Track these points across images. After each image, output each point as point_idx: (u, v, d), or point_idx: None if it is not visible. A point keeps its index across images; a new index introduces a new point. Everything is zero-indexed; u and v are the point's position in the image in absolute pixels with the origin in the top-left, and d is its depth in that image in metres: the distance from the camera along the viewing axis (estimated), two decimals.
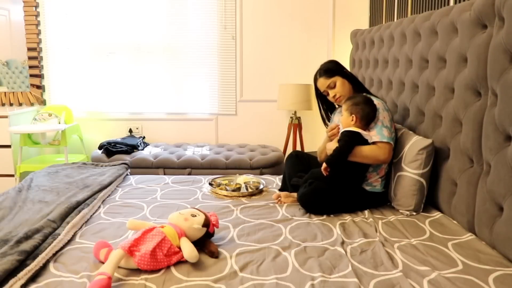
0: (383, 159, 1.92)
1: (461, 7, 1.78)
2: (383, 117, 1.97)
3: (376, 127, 1.96)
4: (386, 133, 1.94)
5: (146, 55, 3.83)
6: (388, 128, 1.95)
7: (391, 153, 1.94)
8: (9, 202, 1.95)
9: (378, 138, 1.93)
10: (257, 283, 1.29)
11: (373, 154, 1.92)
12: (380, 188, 2.03)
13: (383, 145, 1.92)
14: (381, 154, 1.92)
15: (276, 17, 3.74)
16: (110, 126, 3.91)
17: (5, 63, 3.87)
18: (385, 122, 1.96)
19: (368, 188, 2.02)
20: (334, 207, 1.93)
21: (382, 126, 1.95)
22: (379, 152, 1.92)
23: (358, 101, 1.97)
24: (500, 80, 1.47)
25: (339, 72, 2.13)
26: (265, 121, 3.88)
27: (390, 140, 1.93)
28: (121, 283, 1.30)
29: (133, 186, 2.39)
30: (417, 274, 1.34)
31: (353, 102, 1.98)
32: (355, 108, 1.96)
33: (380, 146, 1.92)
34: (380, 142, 1.93)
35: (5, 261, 1.30)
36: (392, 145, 1.95)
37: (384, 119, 1.96)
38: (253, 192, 2.22)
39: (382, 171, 2.02)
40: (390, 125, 1.98)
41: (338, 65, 2.17)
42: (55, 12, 3.76)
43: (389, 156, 1.94)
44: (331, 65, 2.17)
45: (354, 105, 1.96)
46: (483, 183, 1.58)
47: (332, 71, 2.13)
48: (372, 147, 1.93)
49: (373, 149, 1.93)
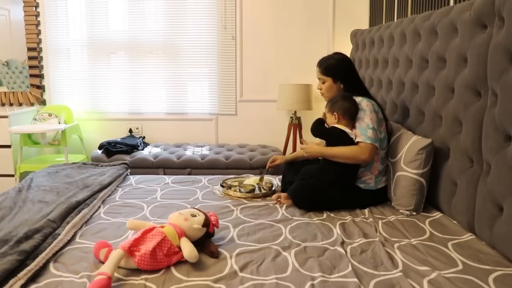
0: (364, 158, 1.93)
1: (461, 7, 1.78)
2: (370, 118, 1.97)
3: (361, 128, 1.97)
4: (370, 134, 1.94)
5: (146, 55, 3.84)
6: (374, 130, 1.96)
7: (373, 153, 1.95)
8: (9, 202, 1.95)
9: (361, 138, 1.95)
10: (257, 283, 1.29)
11: (353, 155, 1.94)
12: (374, 186, 2.05)
13: (365, 145, 1.94)
14: (361, 154, 1.93)
15: (276, 17, 3.74)
16: (110, 126, 3.91)
17: (5, 63, 3.87)
18: (370, 124, 1.96)
19: (362, 185, 2.04)
20: (326, 203, 1.96)
21: (367, 128, 1.96)
22: (360, 153, 1.93)
23: (336, 99, 2.05)
24: (500, 80, 1.47)
25: (335, 75, 2.11)
26: (265, 121, 3.88)
27: (373, 142, 1.94)
28: (121, 283, 1.30)
29: (133, 186, 2.39)
30: (417, 274, 1.34)
31: (332, 102, 2.06)
32: (335, 106, 2.03)
33: (362, 146, 1.94)
34: (363, 143, 1.94)
35: (5, 261, 1.30)
36: (375, 146, 1.95)
37: (370, 121, 1.96)
38: (266, 193, 2.22)
39: (375, 170, 2.04)
40: (377, 126, 1.99)
41: (339, 68, 2.10)
42: (55, 12, 3.76)
43: (370, 156, 1.94)
44: (333, 62, 2.11)
45: (333, 104, 2.04)
46: (483, 183, 1.58)
47: (330, 71, 2.11)
48: (352, 148, 1.96)
49: (353, 149, 1.95)
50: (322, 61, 2.15)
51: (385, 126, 2.06)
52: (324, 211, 1.95)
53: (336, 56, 2.15)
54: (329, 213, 1.92)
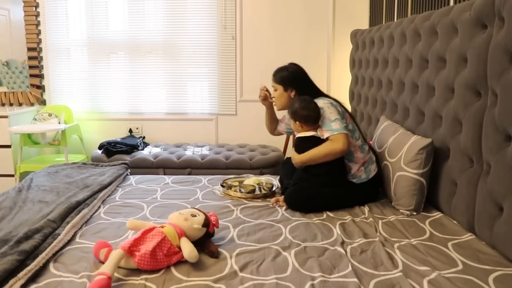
0: (341, 149, 1.94)
1: (461, 7, 1.78)
2: (330, 113, 2.01)
3: (325, 125, 2.00)
4: (335, 126, 1.97)
5: (146, 55, 3.84)
6: (337, 120, 1.98)
7: (346, 141, 1.95)
8: (9, 202, 1.95)
9: (329, 133, 1.97)
10: (257, 283, 1.29)
11: (329, 150, 1.95)
12: (366, 177, 2.06)
13: (335, 137, 1.96)
14: (336, 146, 1.94)
15: (276, 17, 3.74)
16: (110, 126, 3.91)
17: (5, 63, 3.87)
18: (332, 117, 1.99)
19: (355, 180, 2.05)
20: (323, 204, 1.97)
21: (330, 121, 1.98)
22: (334, 145, 1.95)
23: (295, 108, 2.05)
24: (500, 80, 1.47)
25: (285, 84, 2.19)
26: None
27: (341, 130, 1.96)
28: (121, 283, 1.30)
29: (133, 186, 2.39)
30: (417, 274, 1.34)
31: (292, 110, 2.09)
32: (296, 115, 2.06)
33: (332, 139, 1.96)
34: (332, 135, 1.96)
35: (5, 261, 1.30)
36: (345, 133, 1.96)
37: (331, 115, 2.00)
38: (266, 194, 2.22)
39: (358, 160, 2.05)
40: (340, 116, 2.01)
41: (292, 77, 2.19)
42: (55, 12, 3.76)
43: (345, 144, 1.94)
44: (284, 73, 2.21)
45: (294, 113, 2.07)
46: (483, 183, 1.58)
47: (281, 79, 2.21)
48: (325, 144, 1.98)
49: (326, 145, 1.97)
50: (277, 70, 2.26)
51: (350, 118, 2.10)
52: (323, 211, 1.95)
53: (290, 67, 2.24)
54: (329, 213, 1.93)
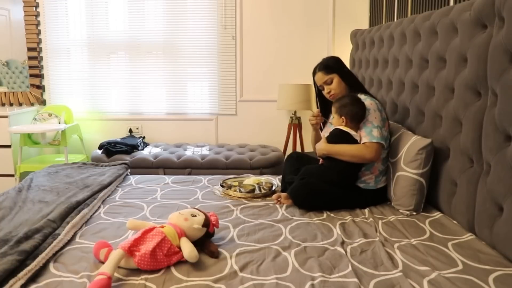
0: (370, 158, 1.94)
1: (461, 7, 1.78)
2: (374, 118, 1.99)
3: (366, 128, 1.99)
4: (375, 133, 1.96)
5: (146, 55, 3.84)
6: (379, 128, 1.97)
7: (378, 152, 1.96)
8: (9, 202, 1.95)
9: (367, 138, 1.96)
10: (257, 283, 1.29)
11: (359, 153, 1.95)
12: (374, 185, 2.05)
13: (371, 144, 1.95)
14: (367, 153, 1.94)
15: (276, 17, 3.74)
16: (110, 126, 3.91)
17: (5, 63, 3.87)
18: (375, 123, 1.98)
19: (362, 185, 2.05)
20: (326, 202, 1.97)
21: (372, 127, 1.97)
22: (365, 151, 1.94)
23: (346, 103, 2.02)
24: (500, 80, 1.47)
25: (338, 70, 2.15)
26: (265, 121, 3.88)
27: (379, 140, 1.95)
28: (121, 283, 1.30)
29: (133, 186, 2.39)
30: (417, 274, 1.34)
31: (341, 104, 2.04)
32: (344, 110, 2.02)
33: (368, 146, 1.95)
34: (369, 142, 1.95)
35: (5, 261, 1.30)
36: (381, 144, 1.96)
37: (374, 120, 1.99)
38: (266, 193, 2.22)
39: (375, 170, 2.04)
40: (382, 125, 2.00)
41: (339, 63, 2.18)
42: (55, 12, 3.76)
43: (376, 155, 1.95)
44: (331, 61, 2.18)
45: (342, 107, 2.02)
46: (483, 183, 1.58)
47: (332, 68, 2.15)
48: (358, 146, 1.97)
49: (359, 148, 1.96)
50: (321, 64, 2.19)
51: (388, 126, 2.07)
52: (324, 211, 1.95)
53: (330, 57, 2.22)
54: (329, 213, 1.93)
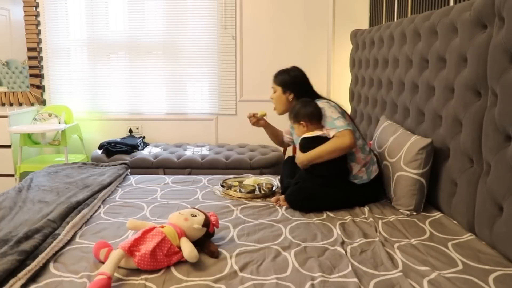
0: (347, 144, 1.94)
1: (461, 7, 1.78)
2: (331, 112, 2.03)
3: (327, 123, 2.02)
4: (339, 123, 1.98)
5: (146, 55, 3.84)
6: (341, 118, 2.00)
7: (352, 137, 1.95)
8: (9, 202, 1.95)
9: (334, 131, 1.98)
10: (257, 283, 1.29)
11: (336, 145, 1.95)
12: (367, 178, 2.06)
13: (340, 133, 1.96)
14: (342, 141, 1.94)
15: (276, 17, 3.74)
16: (110, 126, 3.91)
17: (5, 63, 3.87)
18: (334, 115, 2.01)
19: (357, 181, 2.05)
20: (323, 204, 1.97)
21: (333, 119, 2.00)
22: (340, 141, 1.95)
23: (297, 108, 2.08)
24: (500, 80, 1.47)
25: (285, 87, 2.20)
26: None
27: (346, 127, 1.96)
28: (121, 283, 1.30)
29: (133, 186, 2.39)
30: (417, 274, 1.34)
31: (294, 112, 2.10)
32: (299, 115, 2.06)
33: (339, 135, 1.96)
34: (338, 132, 1.97)
35: (5, 261, 1.30)
36: (349, 129, 1.96)
37: (332, 113, 2.02)
38: (266, 194, 2.22)
39: (360, 160, 2.05)
40: (342, 115, 2.02)
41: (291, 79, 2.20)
42: (55, 12, 3.76)
43: (351, 140, 1.94)
44: (284, 75, 2.23)
45: (297, 114, 2.08)
46: (483, 183, 1.58)
47: (279, 80, 2.23)
48: (332, 140, 1.98)
49: (333, 141, 1.97)
50: (278, 73, 2.27)
51: (349, 119, 2.10)
52: (323, 211, 1.95)
53: (292, 71, 2.25)
54: (329, 213, 1.92)
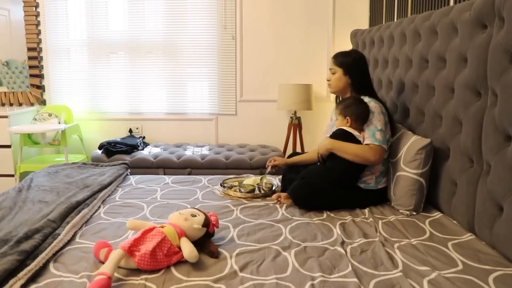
0: (373, 160, 1.95)
1: (461, 7, 1.78)
2: (378, 120, 1.99)
3: (369, 130, 1.99)
4: (378, 136, 1.96)
5: (146, 55, 3.84)
6: (382, 131, 1.98)
7: (382, 155, 1.96)
8: (9, 202, 1.95)
9: (369, 140, 1.97)
10: (257, 283, 1.29)
11: (363, 154, 1.95)
12: (374, 185, 2.05)
13: (375, 146, 1.95)
14: (371, 155, 1.94)
15: (276, 17, 3.74)
16: (110, 126, 3.91)
17: (5, 63, 3.87)
18: (378, 125, 1.98)
19: (363, 185, 2.05)
20: (326, 202, 1.97)
21: (376, 129, 1.98)
22: (369, 153, 1.94)
23: (349, 103, 2.03)
24: (500, 80, 1.47)
25: (346, 68, 2.12)
26: (265, 121, 3.88)
27: (382, 143, 1.95)
28: (121, 283, 1.30)
29: (133, 186, 2.39)
30: (417, 274, 1.34)
31: (345, 105, 2.05)
32: (348, 110, 2.02)
33: (372, 147, 1.95)
34: (372, 144, 1.95)
35: (5, 261, 1.30)
36: (383, 148, 1.96)
37: (378, 122, 1.99)
38: (266, 193, 2.22)
39: (376, 171, 2.05)
40: (385, 128, 2.00)
41: (353, 62, 2.12)
42: (55, 12, 3.76)
43: (379, 158, 1.95)
44: (346, 56, 2.14)
45: (347, 108, 2.03)
46: (483, 183, 1.58)
47: (341, 62, 2.14)
48: (363, 147, 1.97)
49: (364, 148, 1.96)
50: (339, 53, 2.19)
51: (389, 129, 2.07)
52: (324, 211, 1.95)
53: (354, 54, 2.18)
54: (329, 213, 1.93)
